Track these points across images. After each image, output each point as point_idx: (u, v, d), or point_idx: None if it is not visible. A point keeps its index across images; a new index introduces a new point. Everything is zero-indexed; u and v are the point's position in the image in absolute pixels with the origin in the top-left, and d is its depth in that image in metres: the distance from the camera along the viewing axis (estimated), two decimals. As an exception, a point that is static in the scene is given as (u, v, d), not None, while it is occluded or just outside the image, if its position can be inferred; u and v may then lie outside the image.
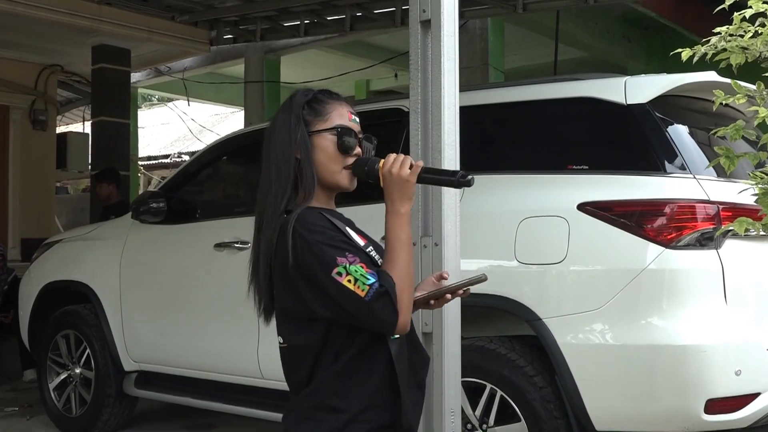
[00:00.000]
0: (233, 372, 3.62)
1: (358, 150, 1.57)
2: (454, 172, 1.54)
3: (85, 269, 4.32)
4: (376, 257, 1.52)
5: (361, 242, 1.52)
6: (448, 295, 1.58)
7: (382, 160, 1.51)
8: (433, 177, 1.58)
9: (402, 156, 1.50)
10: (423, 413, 1.93)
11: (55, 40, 6.88)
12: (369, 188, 1.58)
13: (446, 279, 1.63)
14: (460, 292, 1.57)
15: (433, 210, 2.19)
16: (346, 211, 1.77)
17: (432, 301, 1.59)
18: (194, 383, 3.83)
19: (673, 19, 7.12)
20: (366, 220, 1.77)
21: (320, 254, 1.42)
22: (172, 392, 3.95)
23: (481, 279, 1.54)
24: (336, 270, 1.40)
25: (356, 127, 1.59)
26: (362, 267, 1.41)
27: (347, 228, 1.51)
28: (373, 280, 1.40)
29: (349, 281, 1.40)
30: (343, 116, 1.58)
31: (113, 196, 6.02)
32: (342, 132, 1.55)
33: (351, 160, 1.56)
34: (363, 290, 1.39)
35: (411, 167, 1.49)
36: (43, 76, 7.80)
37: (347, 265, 1.40)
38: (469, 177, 1.49)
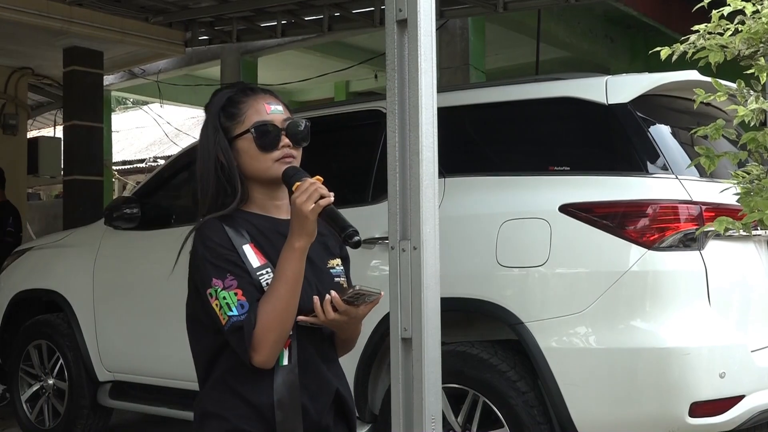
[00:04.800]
0: (210, 381, 3.55)
1: (285, 140, 1.50)
2: (346, 228, 1.40)
3: (57, 277, 4.22)
4: (268, 281, 1.43)
5: (258, 263, 1.44)
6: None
7: (298, 183, 1.42)
8: (330, 221, 1.42)
9: (314, 187, 1.40)
10: (403, 420, 1.90)
11: (25, 43, 6.73)
12: (354, 191, 1.53)
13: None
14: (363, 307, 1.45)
15: (412, 212, 2.14)
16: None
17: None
18: (170, 393, 3.75)
19: (657, 18, 7.11)
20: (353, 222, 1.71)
21: (203, 270, 1.43)
22: (148, 402, 3.87)
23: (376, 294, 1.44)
24: (208, 290, 1.42)
25: (278, 117, 1.51)
26: (235, 294, 1.39)
27: (246, 246, 1.45)
28: (234, 312, 1.39)
29: (216, 305, 1.41)
30: (260, 111, 1.51)
31: None
32: (258, 131, 1.49)
33: (279, 152, 1.49)
34: (224, 319, 1.40)
35: (320, 200, 1.38)
36: (13, 80, 7.64)
37: (219, 289, 1.40)
38: (356, 238, 1.39)
